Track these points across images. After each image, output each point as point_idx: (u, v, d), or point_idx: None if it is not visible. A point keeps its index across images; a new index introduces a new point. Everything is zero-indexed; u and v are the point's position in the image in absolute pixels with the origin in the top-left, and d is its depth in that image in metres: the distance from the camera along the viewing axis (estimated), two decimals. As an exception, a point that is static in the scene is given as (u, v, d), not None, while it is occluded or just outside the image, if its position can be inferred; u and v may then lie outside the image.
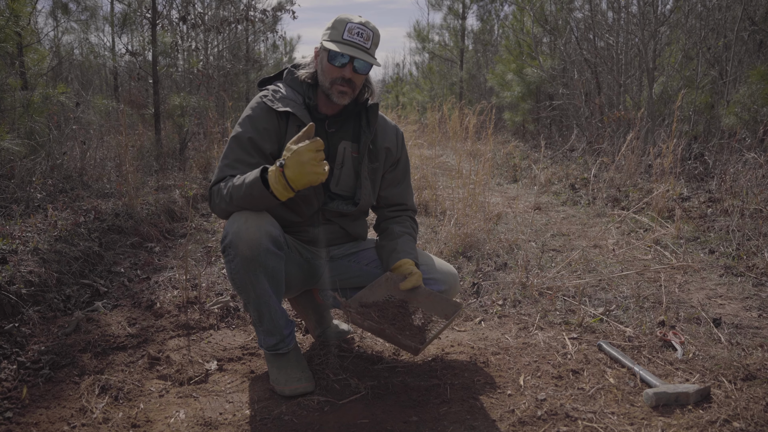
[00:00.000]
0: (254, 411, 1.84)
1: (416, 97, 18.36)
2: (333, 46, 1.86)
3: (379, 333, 1.84)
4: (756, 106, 5.30)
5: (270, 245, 1.81)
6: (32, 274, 2.71)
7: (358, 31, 1.87)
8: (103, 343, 2.27)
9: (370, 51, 1.91)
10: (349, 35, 1.87)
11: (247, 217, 1.82)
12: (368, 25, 1.90)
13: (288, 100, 1.96)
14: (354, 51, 1.87)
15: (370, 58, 1.90)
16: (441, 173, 6.39)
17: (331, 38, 1.89)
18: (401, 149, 2.18)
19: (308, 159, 1.70)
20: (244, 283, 1.84)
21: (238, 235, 1.79)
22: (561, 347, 2.24)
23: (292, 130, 1.94)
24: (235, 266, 1.82)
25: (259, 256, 1.79)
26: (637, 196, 4.85)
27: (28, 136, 4.45)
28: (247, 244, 1.78)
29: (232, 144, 1.96)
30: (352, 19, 1.89)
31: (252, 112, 1.97)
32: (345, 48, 1.86)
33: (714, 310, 2.60)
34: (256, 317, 1.92)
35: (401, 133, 2.22)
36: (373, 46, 1.92)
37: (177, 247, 3.77)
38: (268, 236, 1.81)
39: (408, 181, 2.23)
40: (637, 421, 1.71)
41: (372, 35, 1.90)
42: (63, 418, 1.79)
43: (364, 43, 1.88)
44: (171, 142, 6.66)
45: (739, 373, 1.97)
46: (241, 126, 1.96)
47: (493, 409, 1.81)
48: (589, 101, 7.77)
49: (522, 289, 2.87)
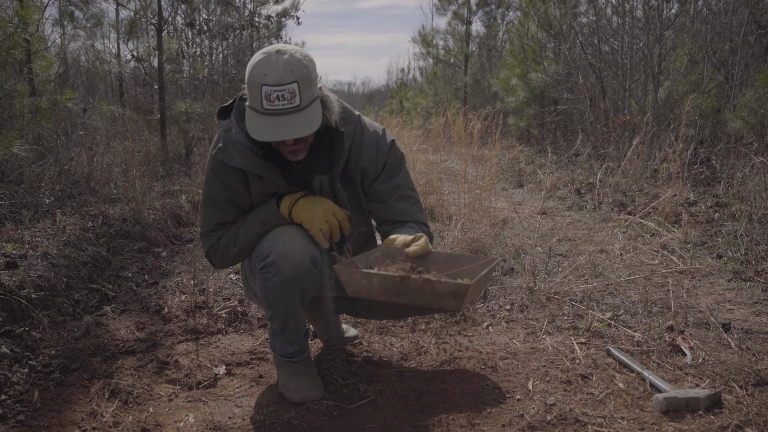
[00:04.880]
0: (263, 415, 1.84)
1: (420, 102, 18.38)
2: (255, 125, 1.63)
3: (399, 289, 1.40)
4: (763, 110, 5.29)
5: (311, 266, 1.79)
6: (42, 279, 2.72)
7: (278, 95, 1.58)
8: (112, 348, 2.28)
9: (301, 106, 1.62)
10: (269, 104, 1.59)
11: (293, 237, 1.77)
12: (286, 79, 1.58)
13: (240, 147, 1.78)
14: (279, 127, 1.61)
15: (301, 126, 1.62)
16: (446, 178, 6.40)
17: (251, 104, 1.65)
18: (384, 157, 1.92)
19: (319, 217, 1.77)
20: (278, 300, 1.81)
21: (283, 255, 1.75)
22: (569, 352, 2.23)
23: (255, 181, 1.83)
24: (273, 284, 1.78)
25: (300, 276, 1.77)
26: (643, 200, 4.84)
27: (37, 141, 4.48)
28: (291, 265, 1.75)
29: (209, 208, 1.89)
30: (266, 80, 1.58)
31: (214, 173, 1.85)
32: (268, 124, 1.62)
33: (723, 315, 2.59)
34: (279, 328, 1.90)
35: (386, 138, 1.94)
36: (301, 96, 1.61)
37: (184, 252, 3.78)
38: (311, 256, 1.79)
39: (403, 192, 1.94)
40: (647, 426, 1.71)
41: (296, 88, 1.59)
42: (74, 422, 1.79)
43: (289, 104, 1.60)
44: (177, 148, 6.70)
45: (750, 379, 1.96)
46: (212, 186, 1.87)
47: (502, 414, 1.81)
48: (594, 106, 7.77)
49: (529, 293, 2.86)
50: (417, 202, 1.98)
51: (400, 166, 1.96)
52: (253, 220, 1.86)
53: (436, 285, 1.35)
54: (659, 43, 6.62)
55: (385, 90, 35.82)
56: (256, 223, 1.85)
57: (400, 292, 1.41)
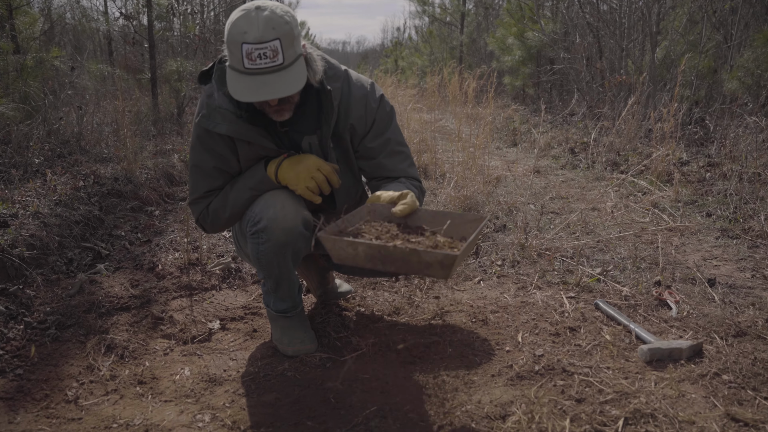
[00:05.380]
0: (258, 368, 1.88)
1: (416, 61, 18.12)
2: (237, 86, 1.57)
3: (385, 257, 1.34)
4: (760, 70, 5.25)
5: (303, 230, 1.80)
6: (34, 238, 2.72)
7: (259, 54, 1.52)
8: (107, 304, 2.31)
9: (284, 64, 1.56)
10: (251, 62, 1.53)
11: (283, 203, 1.77)
12: (267, 36, 1.52)
13: (224, 113, 1.75)
14: (262, 87, 1.55)
15: (285, 84, 1.56)
16: (440, 137, 6.37)
17: (232, 64, 1.58)
18: (372, 113, 1.87)
19: (303, 175, 1.76)
20: (270, 263, 1.81)
21: (274, 221, 1.74)
22: (559, 306, 2.27)
23: (242, 146, 1.81)
24: (265, 249, 1.78)
25: (292, 240, 1.78)
26: (636, 160, 4.85)
27: (23, 100, 4.41)
28: (284, 231, 1.75)
29: (197, 176, 1.87)
30: (246, 37, 1.52)
31: (200, 141, 1.82)
32: (251, 84, 1.56)
33: (709, 271, 2.63)
34: (272, 287, 1.91)
35: (375, 93, 1.88)
36: (284, 53, 1.54)
37: (177, 210, 3.78)
38: (303, 220, 1.79)
39: (393, 148, 1.90)
40: (631, 375, 1.76)
41: (279, 45, 1.53)
42: (71, 376, 1.83)
43: (272, 62, 1.54)
44: (168, 107, 6.61)
45: (730, 330, 2.01)
46: (199, 154, 1.84)
47: (492, 365, 1.85)
48: (590, 65, 7.69)
49: (521, 250, 2.89)
50: (408, 158, 1.94)
51: (390, 121, 1.91)
52: (242, 186, 1.84)
53: (423, 255, 1.30)
54: (658, 2, 6.51)
55: (380, 49, 35.23)
56: (245, 188, 1.84)
57: (386, 260, 1.36)
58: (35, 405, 1.67)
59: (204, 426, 1.59)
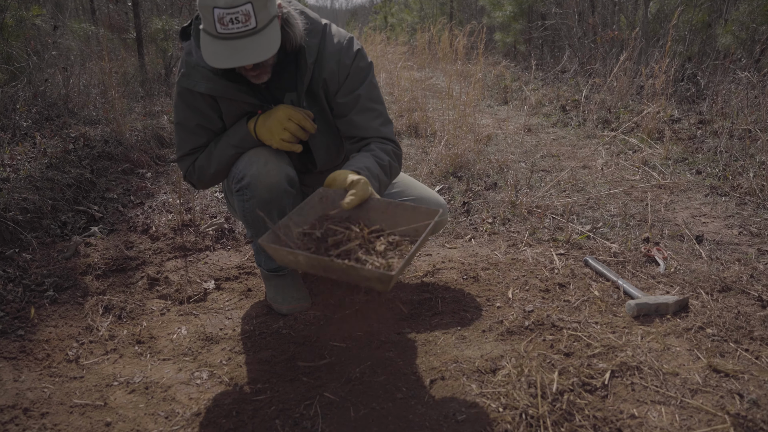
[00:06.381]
0: (253, 326, 1.92)
1: (406, 18, 17.76)
2: (210, 51, 1.54)
3: (326, 267, 1.34)
4: (755, 24, 5.20)
5: (287, 186, 1.80)
6: (27, 202, 2.72)
7: (231, 18, 1.48)
8: (102, 266, 2.33)
9: (257, 29, 1.51)
10: (223, 27, 1.49)
11: (266, 159, 1.77)
12: (238, 0, 1.47)
13: (203, 71, 1.73)
14: (235, 53, 1.52)
15: (259, 49, 1.53)
16: (431, 95, 6.32)
17: (205, 28, 1.54)
18: (346, 69, 1.80)
19: (276, 128, 1.74)
20: (256, 220, 1.83)
21: (257, 178, 1.76)
22: (549, 263, 2.32)
23: (224, 103, 1.80)
24: (250, 206, 1.80)
25: (277, 197, 1.79)
26: (627, 117, 4.85)
27: (6, 61, 4.31)
28: (267, 188, 1.76)
29: (181, 134, 1.86)
30: (218, 1, 1.47)
31: (182, 99, 1.80)
32: (224, 49, 1.52)
33: (697, 228, 2.67)
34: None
35: (351, 48, 1.82)
36: (256, 17, 1.50)
37: (169, 172, 3.77)
38: (287, 177, 1.80)
39: (364, 104, 1.82)
40: (618, 329, 1.81)
41: (251, 9, 1.48)
42: (71, 336, 1.86)
43: (244, 27, 1.49)
44: (156, 67, 6.49)
45: (716, 286, 2.06)
46: (181, 112, 1.83)
47: (483, 320, 1.90)
48: (582, 21, 7.58)
49: (511, 207, 2.92)
50: (381, 115, 1.86)
51: (364, 77, 1.83)
52: (225, 143, 1.84)
53: (361, 271, 1.29)
54: (652, -47, 6.38)
55: (369, 5, 34.46)
56: (228, 145, 1.84)
57: (327, 270, 1.35)
58: (38, 364, 1.71)
59: (202, 383, 1.64)
